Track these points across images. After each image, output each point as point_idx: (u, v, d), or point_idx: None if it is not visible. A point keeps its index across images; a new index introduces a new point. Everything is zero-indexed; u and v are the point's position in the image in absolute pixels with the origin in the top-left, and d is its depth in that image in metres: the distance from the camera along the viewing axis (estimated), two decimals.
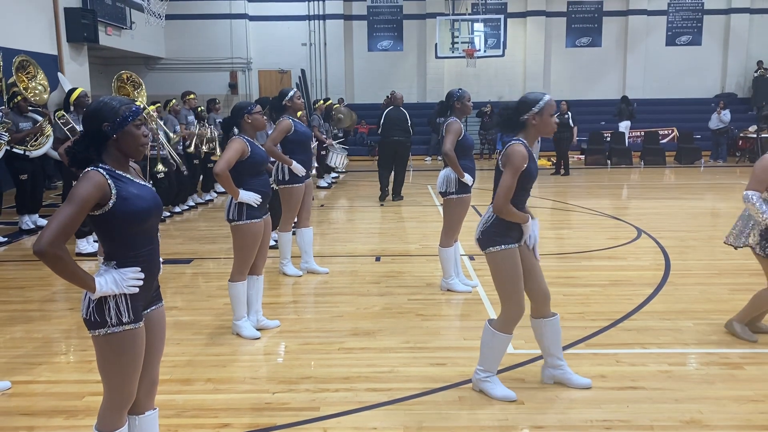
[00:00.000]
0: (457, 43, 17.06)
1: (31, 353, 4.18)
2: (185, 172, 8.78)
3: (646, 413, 3.26)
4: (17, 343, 4.39)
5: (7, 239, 7.57)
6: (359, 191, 11.94)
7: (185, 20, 18.62)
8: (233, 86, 19.49)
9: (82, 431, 3.16)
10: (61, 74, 12.28)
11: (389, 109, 10.52)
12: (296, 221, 5.96)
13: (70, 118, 6.85)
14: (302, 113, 5.95)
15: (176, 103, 9.53)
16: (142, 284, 2.29)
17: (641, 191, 11.90)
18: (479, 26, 17.27)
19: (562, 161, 13.97)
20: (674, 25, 20.09)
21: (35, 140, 7.74)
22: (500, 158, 3.30)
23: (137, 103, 5.21)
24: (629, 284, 5.53)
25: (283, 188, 5.71)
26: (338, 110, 13.98)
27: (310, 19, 19.71)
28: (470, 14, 17.87)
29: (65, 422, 3.24)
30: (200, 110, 9.94)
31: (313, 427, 3.19)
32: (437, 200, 10.31)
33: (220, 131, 9.18)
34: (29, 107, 7.97)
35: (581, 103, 18.77)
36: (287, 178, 5.63)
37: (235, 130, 4.36)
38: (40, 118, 7.99)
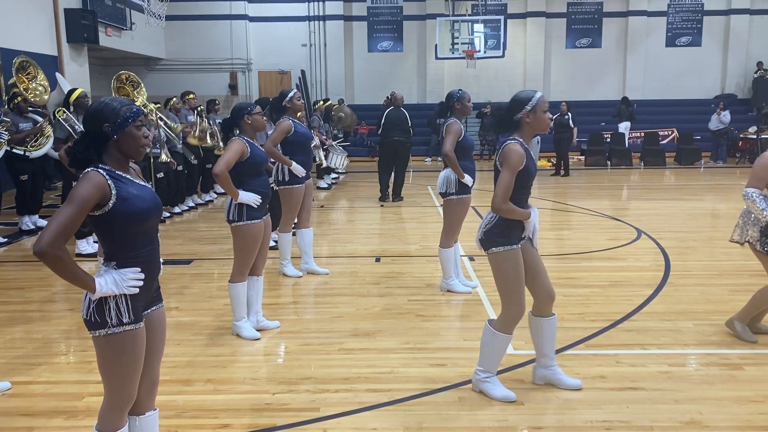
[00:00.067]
0: (457, 44, 17.07)
1: (30, 354, 4.18)
2: (179, 167, 8.76)
3: (646, 414, 3.27)
4: (17, 343, 4.39)
5: (7, 240, 7.57)
6: (359, 192, 11.94)
7: (185, 21, 18.62)
8: (233, 87, 19.49)
9: None
10: (59, 75, 12.27)
11: (389, 109, 10.51)
12: (296, 222, 5.97)
13: (71, 116, 6.86)
14: (302, 114, 5.95)
15: (177, 101, 9.55)
16: (142, 285, 2.29)
17: (641, 192, 11.90)
18: (479, 27, 17.28)
19: (562, 162, 13.97)
20: (674, 26, 20.10)
21: (35, 141, 7.73)
22: (497, 158, 3.31)
23: (137, 102, 5.22)
24: (629, 285, 5.54)
25: (283, 189, 5.71)
26: (339, 110, 13.98)
27: (310, 20, 19.71)
28: (470, 15, 17.89)
29: (65, 423, 3.24)
30: (200, 109, 9.94)
31: (313, 427, 3.19)
32: (437, 201, 10.31)
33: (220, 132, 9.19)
34: (29, 108, 7.98)
35: (581, 104, 18.76)
36: (287, 178, 5.64)
37: (235, 130, 4.37)
38: (40, 118, 7.99)
